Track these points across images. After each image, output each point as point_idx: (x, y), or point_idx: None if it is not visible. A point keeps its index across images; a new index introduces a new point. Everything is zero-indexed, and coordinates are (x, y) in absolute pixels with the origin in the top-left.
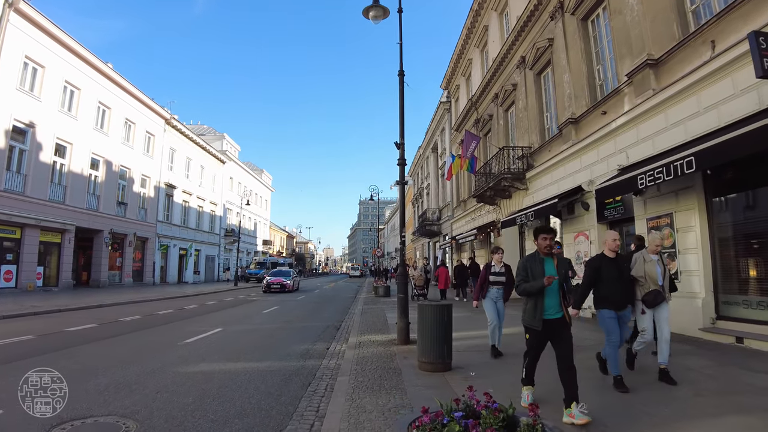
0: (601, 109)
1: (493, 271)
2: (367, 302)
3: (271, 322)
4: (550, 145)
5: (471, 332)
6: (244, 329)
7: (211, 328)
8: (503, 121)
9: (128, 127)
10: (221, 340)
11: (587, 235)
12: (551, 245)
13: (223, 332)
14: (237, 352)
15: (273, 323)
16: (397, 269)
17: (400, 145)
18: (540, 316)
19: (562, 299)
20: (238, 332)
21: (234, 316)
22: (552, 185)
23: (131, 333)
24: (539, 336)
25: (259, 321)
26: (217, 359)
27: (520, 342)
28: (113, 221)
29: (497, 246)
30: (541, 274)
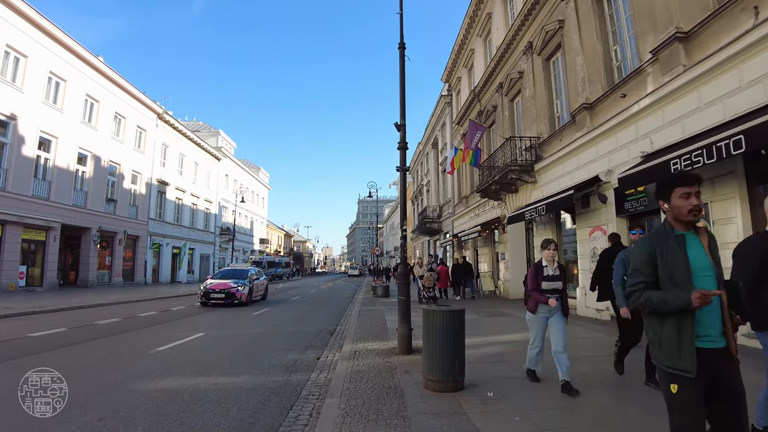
0: (620, 92)
1: (546, 275)
2: (364, 303)
3: (259, 325)
4: (562, 134)
5: (481, 338)
6: (227, 334)
7: (192, 333)
8: (508, 111)
9: (118, 121)
10: (199, 347)
11: (604, 229)
12: (698, 206)
13: (203, 338)
14: (214, 362)
15: (261, 327)
16: (398, 268)
17: (401, 127)
18: (691, 349)
19: (726, 312)
20: (220, 338)
21: (220, 319)
22: (564, 177)
23: (102, 338)
24: (695, 387)
25: (247, 324)
26: (189, 372)
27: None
28: (102, 219)
29: (548, 239)
30: (685, 268)
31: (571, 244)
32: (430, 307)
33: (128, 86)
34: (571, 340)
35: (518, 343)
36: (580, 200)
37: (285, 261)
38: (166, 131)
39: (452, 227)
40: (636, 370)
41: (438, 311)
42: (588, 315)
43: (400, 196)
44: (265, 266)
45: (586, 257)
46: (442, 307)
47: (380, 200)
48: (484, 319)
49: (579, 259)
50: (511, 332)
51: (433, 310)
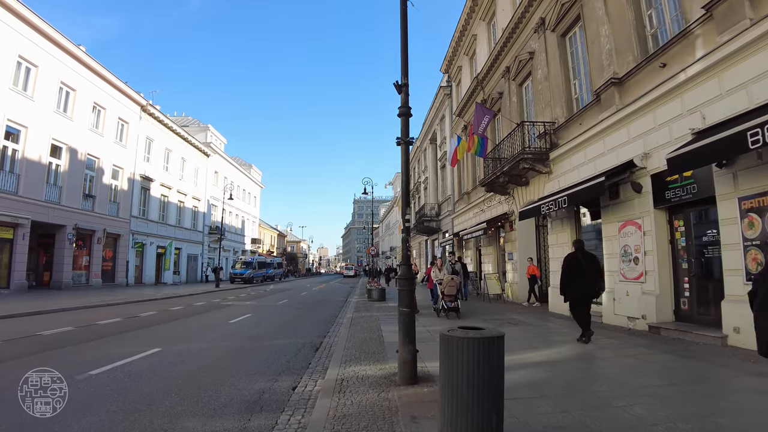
0: (659, 61)
1: None
2: (358, 308)
3: (232, 337)
4: (582, 117)
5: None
6: (190, 349)
7: (147, 348)
8: (516, 97)
9: (97, 112)
10: (146, 369)
11: (639, 224)
12: None
13: (157, 355)
14: (153, 395)
15: (234, 340)
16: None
17: (403, 87)
18: None
19: None
20: (178, 355)
21: (190, 329)
22: (586, 165)
23: (30, 356)
24: None
25: (218, 336)
26: (109, 412)
27: None
28: (78, 216)
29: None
30: None
31: (592, 242)
32: (452, 333)
33: (108, 75)
34: (618, 360)
35: (550, 364)
36: (607, 191)
37: (277, 261)
38: (151, 124)
39: (452, 226)
40: None
41: (466, 340)
42: (618, 324)
43: (402, 176)
44: (256, 267)
45: (615, 256)
46: (470, 331)
47: (376, 200)
48: (484, 322)
49: (605, 258)
50: (535, 348)
51: (457, 337)
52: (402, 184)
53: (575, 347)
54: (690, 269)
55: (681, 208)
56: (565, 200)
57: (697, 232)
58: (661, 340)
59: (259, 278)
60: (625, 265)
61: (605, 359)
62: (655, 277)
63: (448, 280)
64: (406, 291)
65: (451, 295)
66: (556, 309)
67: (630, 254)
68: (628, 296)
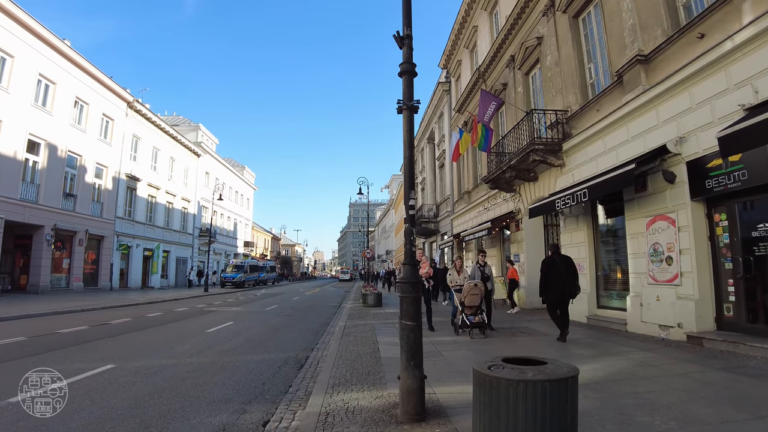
0: (696, 31)
1: None
2: (352, 315)
3: (204, 350)
4: (600, 103)
5: None
6: (149, 366)
7: (99, 365)
8: (523, 87)
9: (80, 107)
10: (81, 396)
11: (672, 218)
12: None
13: (107, 374)
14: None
15: (205, 354)
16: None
17: (405, 39)
18: None
19: None
20: (132, 374)
21: (159, 339)
22: (606, 155)
23: None
24: None
25: (188, 348)
26: None
27: None
28: (58, 216)
29: None
30: None
31: (612, 240)
32: (497, 373)
33: (92, 69)
34: (669, 382)
35: (592, 388)
36: (632, 182)
37: (270, 265)
38: (138, 122)
39: (451, 227)
40: None
41: (523, 385)
42: (647, 332)
43: (405, 150)
44: (247, 270)
45: (642, 256)
46: (526, 369)
47: (372, 204)
48: (508, 340)
49: (630, 258)
50: None
51: (508, 380)
52: (405, 162)
53: (611, 363)
54: (736, 270)
55: (723, 199)
56: (585, 193)
57: (745, 226)
58: (707, 354)
59: (251, 282)
60: (655, 265)
61: (653, 380)
62: (693, 280)
63: (469, 287)
64: (410, 299)
65: (474, 306)
66: (571, 315)
67: (661, 253)
68: (658, 301)
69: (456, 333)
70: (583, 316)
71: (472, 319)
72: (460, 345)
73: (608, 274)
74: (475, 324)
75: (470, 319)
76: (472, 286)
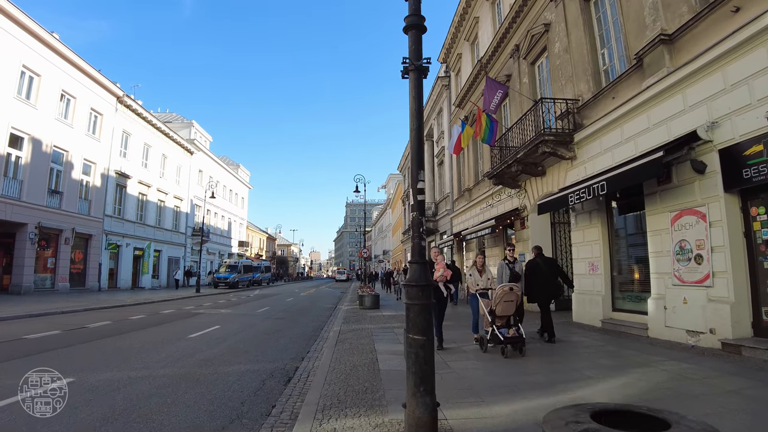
0: (730, 5)
1: None
2: (348, 319)
3: (181, 359)
4: (615, 90)
5: (556, 396)
6: (114, 380)
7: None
8: (528, 77)
9: (66, 101)
10: (20, 418)
11: (702, 213)
12: None
13: (59, 392)
14: None
15: (181, 364)
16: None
17: None
18: None
19: None
20: (91, 390)
21: (134, 346)
22: (623, 145)
23: None
24: None
25: (164, 357)
26: None
27: None
28: (42, 213)
29: None
30: None
31: (629, 237)
32: None
33: (79, 62)
34: (724, 402)
35: None
36: (659, 172)
37: (265, 265)
38: (128, 118)
39: (451, 226)
40: None
41: None
42: (672, 338)
43: (412, 121)
44: (241, 271)
45: (665, 255)
46: None
47: (368, 204)
48: (538, 356)
49: (651, 257)
50: (591, 379)
51: None
52: (412, 136)
53: (644, 376)
54: None
55: (761, 190)
56: (603, 186)
57: None
58: (750, 365)
59: (245, 283)
60: (682, 265)
61: (702, 399)
62: (727, 280)
63: (503, 292)
64: (419, 306)
65: (507, 316)
66: (582, 318)
67: (689, 251)
68: (686, 304)
69: (482, 350)
70: (597, 320)
71: (505, 332)
72: (487, 362)
73: (625, 275)
74: (510, 339)
75: (503, 333)
76: (506, 291)
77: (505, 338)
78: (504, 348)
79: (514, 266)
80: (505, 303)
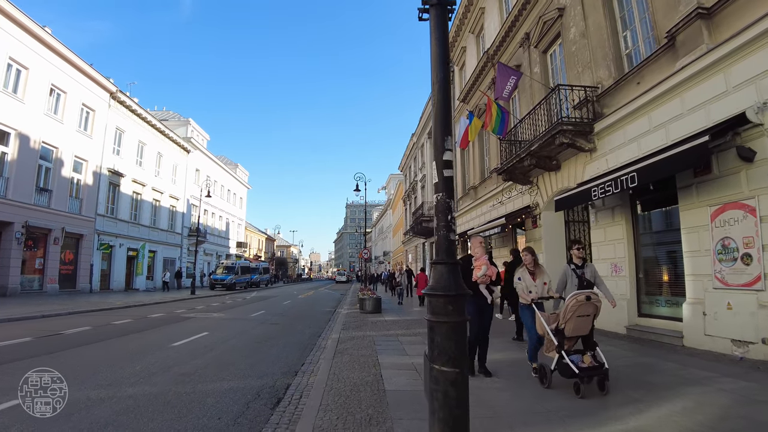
0: None
1: None
2: (348, 324)
3: (156, 374)
4: (641, 74)
5: None
6: (70, 401)
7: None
8: (540, 67)
9: (56, 96)
10: None
11: (752, 207)
12: None
13: (5, 415)
14: None
15: (155, 380)
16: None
17: None
18: None
19: None
20: (30, 420)
21: (108, 357)
22: (651, 134)
23: None
24: None
25: (137, 371)
26: None
27: None
28: (30, 212)
29: None
30: None
31: (658, 236)
32: None
33: (70, 55)
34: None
35: None
36: (703, 159)
37: (263, 266)
38: (122, 114)
39: (455, 225)
40: None
41: None
42: (713, 349)
43: (436, 71)
44: (239, 272)
45: (704, 254)
46: None
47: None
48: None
49: (686, 257)
50: (640, 402)
51: None
52: (435, 91)
53: (705, 398)
54: None
55: None
56: (634, 178)
57: None
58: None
59: (243, 284)
60: (725, 266)
61: None
62: None
63: (577, 303)
64: (447, 326)
65: (581, 336)
66: (603, 324)
67: (734, 250)
68: (731, 310)
69: (543, 385)
70: (622, 326)
71: (579, 360)
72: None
73: (653, 277)
74: (588, 370)
75: (576, 362)
76: (581, 302)
77: (581, 369)
78: (579, 384)
79: (584, 271)
80: (579, 318)
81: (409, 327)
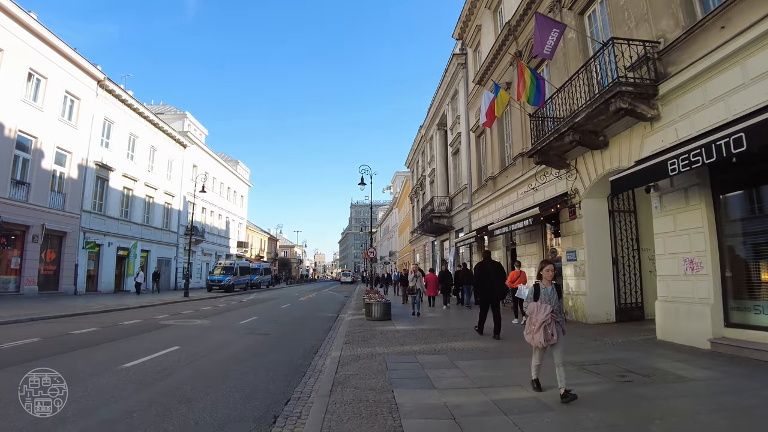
0: None
1: None
2: (352, 336)
3: (76, 417)
4: (726, 16)
5: None
6: None
7: None
8: (577, 33)
9: (35, 81)
10: None
11: None
12: None
13: None
14: None
15: (68, 427)
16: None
17: None
18: None
19: None
20: None
21: (8, 389)
22: (743, 90)
23: None
24: None
25: (39, 417)
26: None
27: None
28: (3, 206)
29: None
30: None
31: (757, 223)
32: None
33: (51, 38)
34: None
35: None
36: None
37: (264, 267)
38: (111, 104)
39: (469, 221)
40: None
41: None
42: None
43: None
44: (237, 273)
45: None
46: None
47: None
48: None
49: None
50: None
51: None
52: None
53: None
54: None
55: None
56: (741, 140)
57: None
58: None
59: (242, 285)
60: None
61: None
62: None
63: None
64: None
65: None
66: (675, 336)
67: None
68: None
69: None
70: (704, 339)
71: None
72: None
73: (746, 276)
74: None
75: None
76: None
77: None
78: None
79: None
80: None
81: (428, 340)
